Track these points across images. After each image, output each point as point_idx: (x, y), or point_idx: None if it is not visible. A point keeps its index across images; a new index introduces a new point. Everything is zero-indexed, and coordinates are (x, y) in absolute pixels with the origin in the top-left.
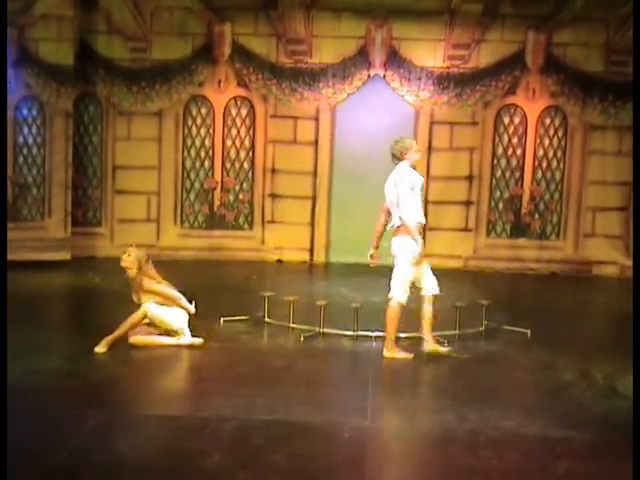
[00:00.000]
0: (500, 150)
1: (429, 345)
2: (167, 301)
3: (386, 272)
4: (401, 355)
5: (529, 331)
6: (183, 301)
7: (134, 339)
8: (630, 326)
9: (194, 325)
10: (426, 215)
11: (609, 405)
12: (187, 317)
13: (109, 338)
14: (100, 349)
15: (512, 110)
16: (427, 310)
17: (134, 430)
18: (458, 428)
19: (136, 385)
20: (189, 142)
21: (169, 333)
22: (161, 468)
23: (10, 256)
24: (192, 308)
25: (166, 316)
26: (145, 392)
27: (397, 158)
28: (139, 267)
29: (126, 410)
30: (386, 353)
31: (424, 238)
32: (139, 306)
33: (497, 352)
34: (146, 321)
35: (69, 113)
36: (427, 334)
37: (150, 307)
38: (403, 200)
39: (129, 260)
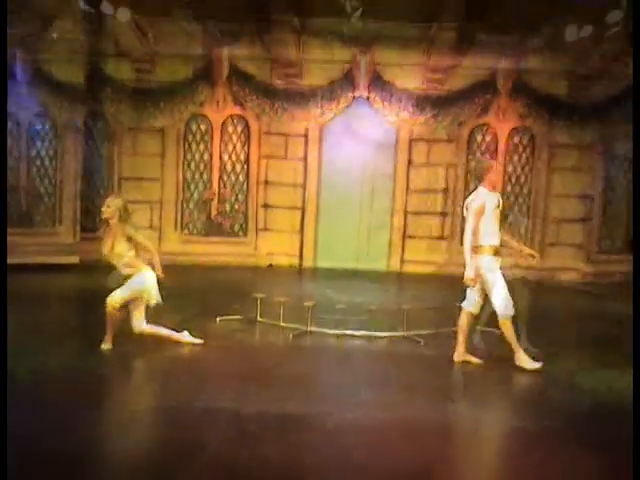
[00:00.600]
0: (473, 165)
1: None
2: (143, 250)
3: (369, 276)
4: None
5: (500, 331)
6: (156, 257)
7: (142, 329)
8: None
9: (193, 323)
10: (405, 226)
11: (570, 398)
12: (156, 278)
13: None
14: (106, 346)
15: (484, 129)
16: (464, 323)
17: (136, 421)
18: (434, 420)
19: (138, 379)
20: (189, 157)
21: (141, 297)
22: (161, 456)
23: (24, 259)
24: (159, 270)
25: (137, 283)
26: (146, 385)
27: (477, 180)
28: (119, 216)
29: (129, 402)
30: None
31: (403, 247)
32: (107, 256)
33: (469, 350)
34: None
35: (79, 129)
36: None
37: (116, 293)
38: (466, 223)
39: (109, 211)
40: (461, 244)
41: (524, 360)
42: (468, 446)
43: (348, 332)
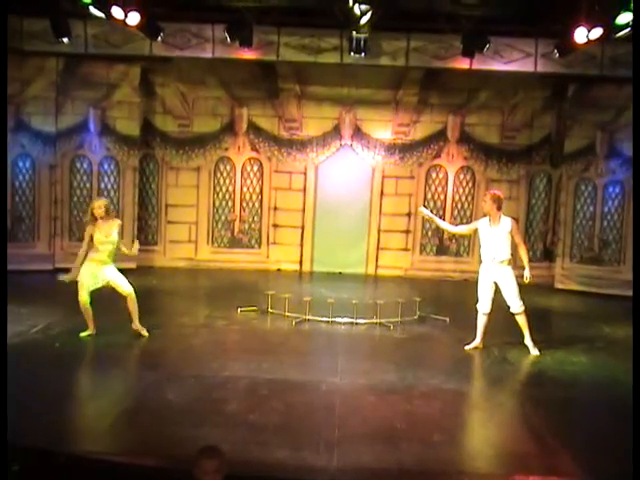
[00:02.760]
0: (430, 195)
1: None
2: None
3: (352, 278)
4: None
5: (448, 319)
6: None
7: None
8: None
9: (220, 313)
10: (379, 240)
11: (502, 369)
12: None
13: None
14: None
15: (438, 168)
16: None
17: (178, 385)
18: (399, 384)
19: (179, 354)
20: (218, 188)
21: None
22: (196, 410)
23: None
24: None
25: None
26: (185, 359)
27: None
28: (106, 212)
29: (172, 371)
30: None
31: (377, 256)
32: (100, 240)
33: (426, 333)
34: None
35: (136, 168)
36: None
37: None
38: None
39: (100, 211)
40: (420, 254)
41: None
42: (422, 403)
43: (336, 320)
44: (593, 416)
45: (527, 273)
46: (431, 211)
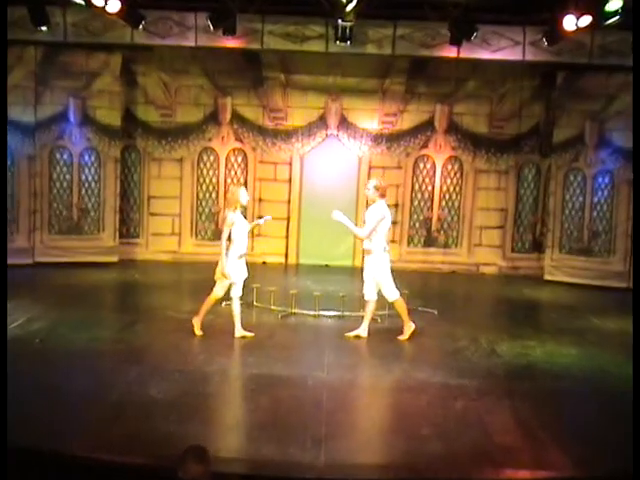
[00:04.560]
0: (417, 186)
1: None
2: None
3: (338, 271)
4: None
5: (436, 311)
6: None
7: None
8: (507, 308)
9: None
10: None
11: (490, 362)
12: None
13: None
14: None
15: (425, 159)
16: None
17: (162, 379)
18: (386, 378)
19: (164, 348)
20: (201, 180)
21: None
22: (181, 406)
23: (75, 259)
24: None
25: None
26: (170, 353)
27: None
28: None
29: (156, 365)
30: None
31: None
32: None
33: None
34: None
35: (117, 159)
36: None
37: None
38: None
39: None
40: (408, 245)
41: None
42: (410, 397)
43: (323, 313)
44: (583, 408)
45: None
46: (419, 203)
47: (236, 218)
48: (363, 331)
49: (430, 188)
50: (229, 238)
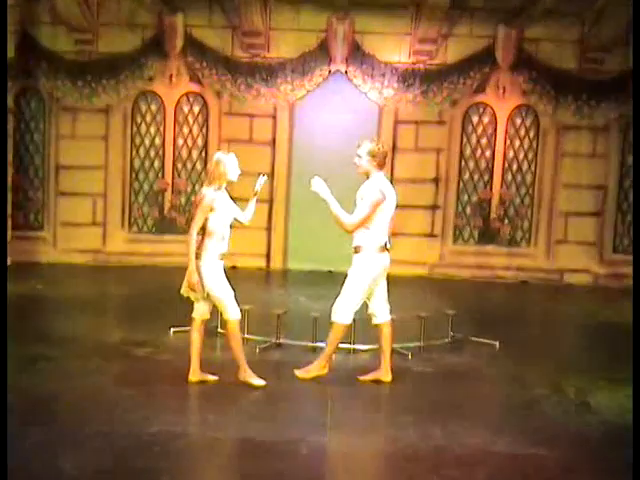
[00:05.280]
0: (468, 151)
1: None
2: None
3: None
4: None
5: (497, 343)
6: None
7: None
8: (604, 338)
9: (142, 336)
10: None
11: (581, 421)
12: None
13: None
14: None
15: (481, 109)
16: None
17: (78, 447)
18: (421, 445)
19: (80, 400)
20: (138, 141)
21: None
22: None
23: None
24: None
25: None
26: (90, 407)
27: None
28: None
29: (70, 426)
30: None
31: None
32: None
33: (463, 365)
34: None
35: (9, 109)
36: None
37: None
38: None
39: None
40: (454, 242)
41: None
42: (459, 475)
43: (323, 344)
44: None
45: None
46: (471, 177)
47: (219, 200)
48: (385, 373)
49: (488, 154)
50: (203, 229)
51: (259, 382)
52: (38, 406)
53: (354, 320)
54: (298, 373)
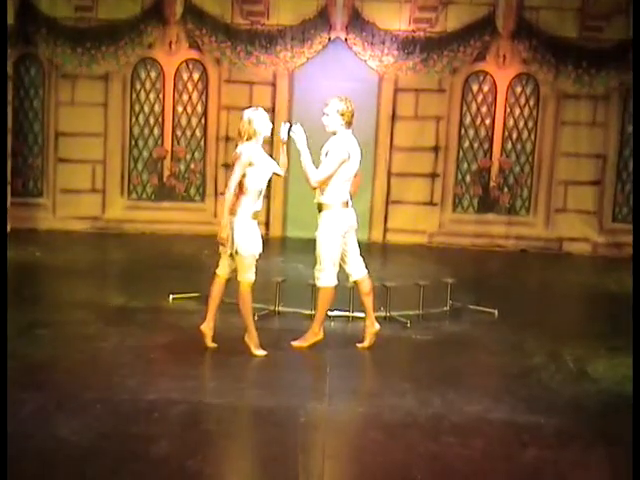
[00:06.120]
0: (468, 119)
1: None
2: None
3: None
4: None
5: (496, 311)
6: None
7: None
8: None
9: (141, 303)
10: (389, 190)
11: (579, 389)
12: None
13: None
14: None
15: (481, 77)
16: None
17: (76, 414)
18: (420, 413)
19: (79, 366)
20: (137, 108)
21: None
22: (104, 454)
23: None
24: None
25: None
26: (87, 374)
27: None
28: None
29: (67, 393)
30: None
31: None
32: None
33: (462, 333)
34: None
35: (9, 76)
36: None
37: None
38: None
39: None
40: (454, 210)
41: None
42: (456, 442)
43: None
44: None
45: None
46: (471, 145)
47: (257, 154)
48: (370, 325)
49: (488, 122)
50: (240, 186)
51: (260, 352)
52: (37, 372)
53: (351, 288)
54: (295, 344)
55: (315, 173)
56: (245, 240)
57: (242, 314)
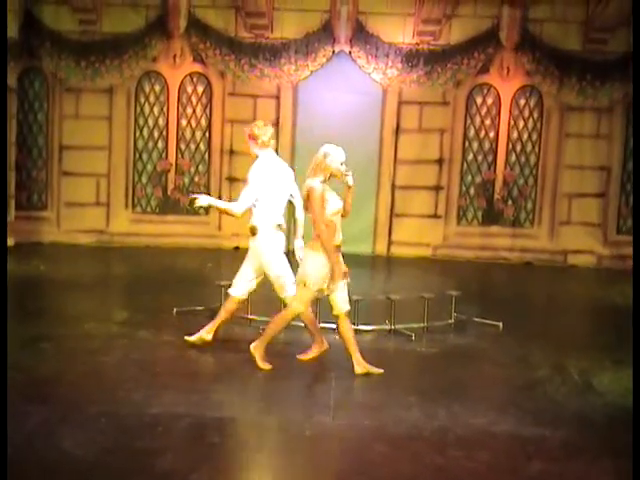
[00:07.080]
0: (472, 132)
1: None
2: None
3: (353, 261)
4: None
5: (501, 324)
6: None
7: None
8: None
9: (144, 317)
10: (393, 202)
11: (585, 402)
12: None
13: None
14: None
15: (485, 90)
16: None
17: (80, 428)
18: (425, 425)
19: (84, 380)
20: (141, 121)
21: None
22: (108, 467)
23: None
24: None
25: None
26: (91, 388)
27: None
28: None
29: (71, 407)
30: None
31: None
32: None
33: (467, 346)
34: None
35: (12, 89)
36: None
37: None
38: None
39: None
40: (458, 223)
41: None
42: (462, 455)
43: (327, 325)
44: None
45: None
46: (475, 158)
47: (326, 191)
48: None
49: (492, 135)
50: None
51: (265, 365)
52: (41, 385)
53: (355, 302)
54: (301, 357)
55: (235, 205)
56: (316, 275)
57: (272, 327)
